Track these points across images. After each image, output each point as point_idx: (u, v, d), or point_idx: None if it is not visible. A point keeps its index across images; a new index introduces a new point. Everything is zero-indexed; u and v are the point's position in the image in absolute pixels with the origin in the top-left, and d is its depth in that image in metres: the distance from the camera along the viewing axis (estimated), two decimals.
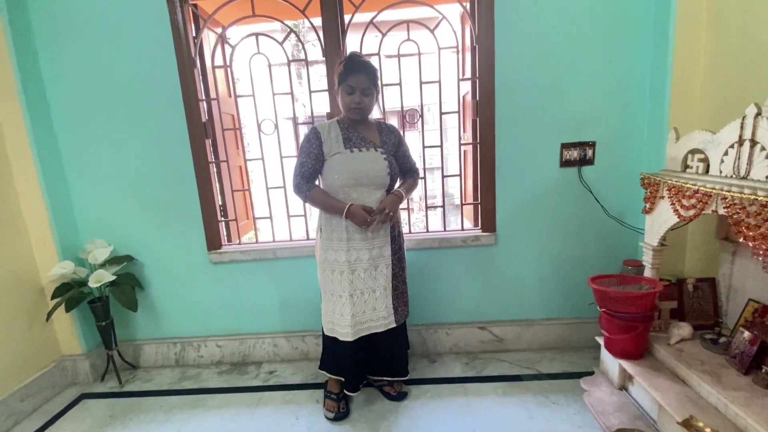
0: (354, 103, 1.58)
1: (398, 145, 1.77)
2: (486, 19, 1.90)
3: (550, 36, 1.90)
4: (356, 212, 1.57)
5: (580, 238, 2.09)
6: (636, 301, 1.53)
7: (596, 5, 1.87)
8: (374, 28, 2.05)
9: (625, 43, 1.89)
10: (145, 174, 2.11)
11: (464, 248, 2.13)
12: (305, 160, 1.61)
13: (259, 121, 2.12)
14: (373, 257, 1.67)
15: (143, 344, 2.30)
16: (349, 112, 1.61)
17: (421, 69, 2.07)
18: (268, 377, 2.14)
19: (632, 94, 1.94)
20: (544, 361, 2.09)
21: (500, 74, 1.95)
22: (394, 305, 1.75)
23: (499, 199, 2.07)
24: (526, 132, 2.00)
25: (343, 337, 1.67)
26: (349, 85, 1.56)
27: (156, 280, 2.23)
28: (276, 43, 2.10)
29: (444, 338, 2.22)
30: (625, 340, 1.58)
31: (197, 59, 2.08)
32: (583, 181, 2.02)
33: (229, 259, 2.17)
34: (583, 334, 2.16)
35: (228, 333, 2.28)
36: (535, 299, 2.18)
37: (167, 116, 2.04)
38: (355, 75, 1.55)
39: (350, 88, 1.56)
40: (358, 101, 1.58)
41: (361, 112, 1.62)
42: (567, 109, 1.97)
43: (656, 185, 1.56)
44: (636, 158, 1.99)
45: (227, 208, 2.25)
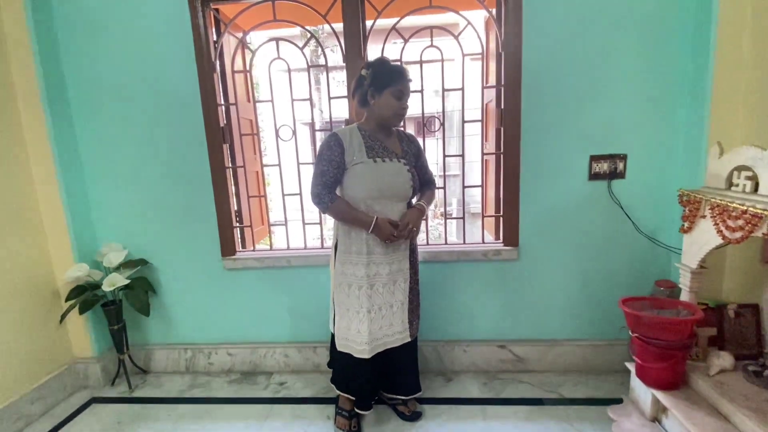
0: (402, 108, 1.55)
1: (418, 155, 1.71)
2: (513, 25, 1.83)
3: (581, 42, 1.82)
4: (384, 227, 1.52)
5: (609, 255, 1.98)
6: (673, 327, 1.42)
7: (632, 8, 1.77)
8: (396, 35, 2.00)
9: (662, 49, 1.79)
10: (162, 178, 2.09)
11: (484, 262, 2.04)
12: (326, 168, 1.54)
13: (277, 126, 2.08)
14: (393, 271, 1.61)
15: (154, 349, 2.28)
16: (393, 117, 1.56)
17: (443, 76, 2.00)
18: (279, 389, 2.08)
19: (668, 104, 1.83)
20: (567, 384, 1.98)
21: (527, 82, 1.87)
22: (409, 319, 1.68)
23: (523, 212, 1.98)
24: (553, 142, 1.91)
25: (359, 354, 1.60)
26: (400, 89, 1.52)
27: (169, 284, 2.21)
28: (296, 48, 2.07)
29: (461, 356, 2.12)
30: (660, 369, 1.47)
31: (217, 63, 2.06)
32: (613, 195, 1.92)
33: (243, 266, 2.13)
34: (610, 356, 2.04)
35: (239, 341, 2.24)
36: (559, 318, 2.07)
37: (186, 120, 2.03)
38: (404, 81, 1.53)
39: (400, 93, 1.52)
40: (406, 107, 1.56)
41: (401, 120, 1.60)
42: (597, 119, 1.88)
43: (697, 203, 1.45)
44: (671, 172, 1.88)
45: (242, 213, 2.22)
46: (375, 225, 1.51)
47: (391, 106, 1.52)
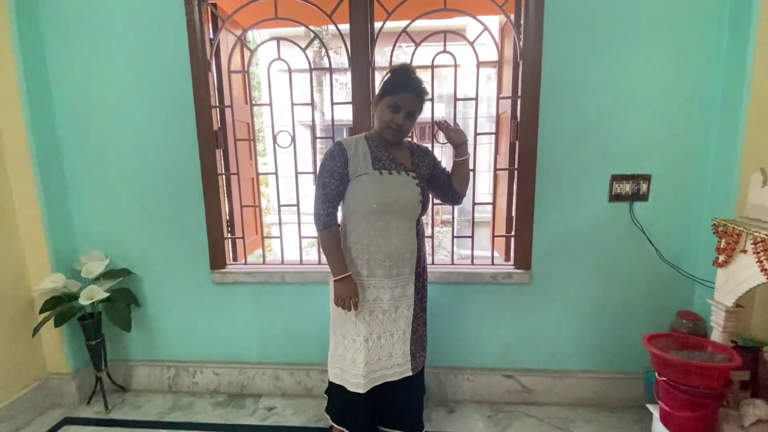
0: (395, 123, 1.36)
1: (434, 165, 1.56)
2: (534, 32, 1.70)
3: (606, 52, 1.69)
4: (348, 288, 1.38)
5: (628, 282, 1.84)
6: (708, 373, 1.27)
7: (660, 21, 1.64)
8: (406, 38, 1.87)
9: (691, 64, 1.66)
10: (149, 183, 1.95)
11: (494, 285, 1.90)
12: (328, 180, 1.40)
13: (275, 132, 1.94)
14: (395, 297, 1.46)
15: (135, 365, 2.12)
16: (384, 130, 1.39)
17: (456, 84, 1.86)
18: (267, 415, 1.93)
19: (696, 124, 1.70)
20: (579, 421, 1.83)
21: (546, 94, 1.74)
22: (412, 351, 1.53)
23: (537, 233, 1.84)
24: (573, 160, 1.77)
25: (353, 388, 1.45)
26: (396, 102, 1.34)
27: (153, 297, 2.06)
28: (299, 48, 1.93)
29: (464, 384, 1.97)
30: (690, 419, 1.32)
31: (213, 62, 1.92)
32: (634, 218, 1.78)
33: (233, 280, 1.98)
34: (625, 391, 1.90)
35: (227, 360, 2.08)
36: (571, 347, 1.92)
37: (177, 122, 1.88)
38: (405, 93, 1.34)
39: (396, 106, 1.35)
40: (400, 123, 1.36)
41: (399, 136, 1.41)
42: (620, 136, 1.74)
43: (737, 236, 1.31)
44: (698, 197, 1.74)
45: (235, 224, 2.07)
46: (344, 279, 1.38)
47: (383, 117, 1.37)
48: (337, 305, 1.41)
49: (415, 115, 1.41)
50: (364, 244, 1.42)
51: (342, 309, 1.42)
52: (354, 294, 1.39)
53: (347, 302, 1.39)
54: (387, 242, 1.42)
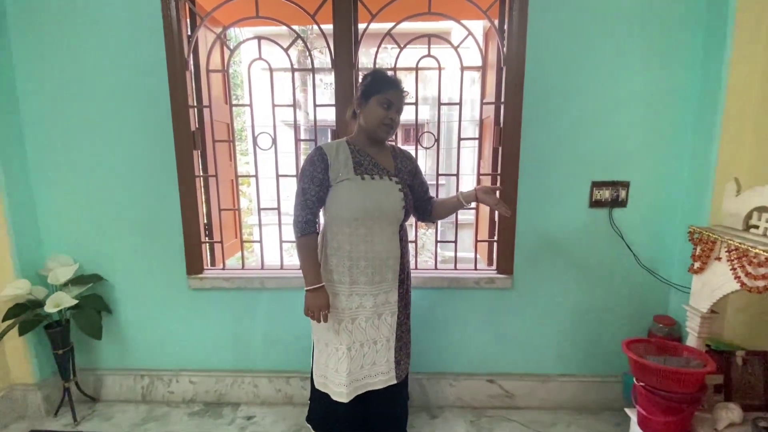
0: (389, 118, 1.37)
1: (414, 173, 1.55)
2: (517, 38, 1.70)
3: (588, 60, 1.70)
4: (320, 299, 1.36)
5: (607, 287, 1.87)
6: (684, 379, 1.29)
7: (639, 31, 1.67)
8: (390, 40, 1.85)
9: (669, 77, 1.70)
10: (122, 185, 1.87)
11: (476, 290, 1.89)
12: (308, 186, 1.37)
13: (255, 134, 1.89)
14: (378, 304, 1.44)
15: (106, 374, 2.03)
16: (378, 128, 1.38)
17: (440, 88, 1.86)
18: (245, 424, 1.87)
19: (674, 134, 1.74)
20: (559, 424, 1.85)
21: (529, 100, 1.75)
22: (396, 358, 1.51)
23: (519, 239, 1.85)
24: (554, 166, 1.79)
25: (337, 397, 1.42)
26: (388, 99, 1.36)
27: (126, 303, 1.97)
28: (281, 48, 1.88)
29: (447, 390, 1.97)
30: (667, 424, 1.35)
31: (191, 60, 1.85)
32: (614, 224, 1.81)
33: (211, 286, 1.92)
34: (603, 394, 1.93)
35: (203, 368, 2.02)
36: (552, 352, 1.94)
37: (152, 122, 1.81)
38: (394, 90, 1.37)
39: (388, 102, 1.36)
40: (394, 118, 1.39)
41: (390, 132, 1.41)
42: (601, 143, 1.76)
43: (711, 243, 1.34)
44: (674, 204, 1.78)
45: (213, 227, 2.01)
46: (316, 289, 1.36)
47: (376, 115, 1.36)
48: (306, 315, 1.38)
49: (401, 111, 1.43)
50: (346, 251, 1.40)
51: (313, 320, 1.39)
52: (325, 306, 1.36)
53: (317, 314, 1.36)
54: (370, 248, 1.40)
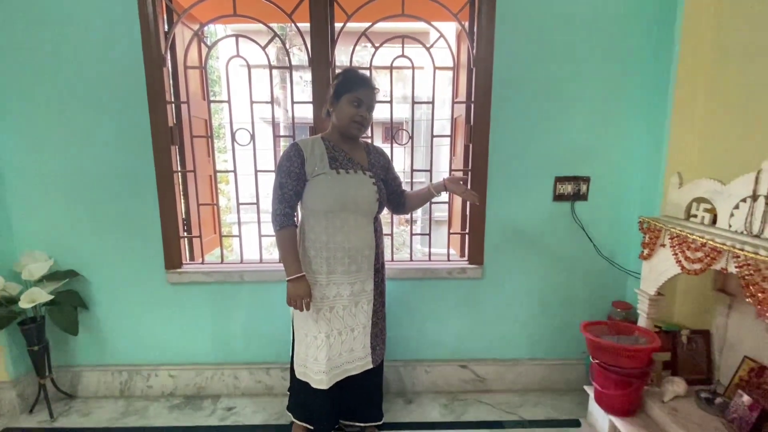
0: (359, 116, 1.43)
1: (387, 168, 1.63)
2: (486, 41, 1.80)
3: (550, 63, 1.82)
4: (301, 289, 1.41)
5: (570, 275, 1.99)
6: (632, 355, 1.42)
7: (600, 40, 1.80)
8: (366, 40, 1.91)
9: (625, 79, 1.83)
10: (98, 180, 1.86)
11: (449, 280, 1.99)
12: (285, 180, 1.43)
13: (233, 129, 1.92)
14: (355, 293, 1.50)
15: (83, 371, 2.03)
16: (349, 125, 1.45)
17: (414, 87, 1.93)
18: (226, 415, 1.91)
19: (629, 132, 1.87)
20: (527, 405, 1.97)
21: (497, 99, 1.85)
22: (372, 344, 1.58)
23: (489, 231, 1.95)
24: (521, 162, 1.89)
25: (317, 384, 1.48)
26: (359, 97, 1.42)
27: (103, 299, 1.97)
28: (258, 46, 1.92)
29: (422, 376, 2.06)
30: (618, 396, 1.47)
31: (168, 57, 1.87)
32: (575, 217, 1.93)
33: (190, 280, 1.94)
34: (568, 376, 2.06)
35: (183, 362, 2.04)
36: (521, 337, 2.06)
37: (129, 117, 1.82)
38: (365, 88, 1.43)
39: (358, 101, 1.42)
40: (365, 115, 1.44)
41: (362, 129, 1.48)
42: (563, 141, 1.88)
43: (657, 231, 1.47)
44: (630, 198, 1.91)
45: (191, 222, 2.03)
46: (297, 279, 1.41)
47: (347, 114, 1.43)
48: (289, 305, 1.44)
49: (373, 109, 1.49)
50: (323, 242, 1.46)
51: (295, 309, 1.44)
52: (306, 294, 1.42)
53: (299, 302, 1.41)
54: (345, 239, 1.46)
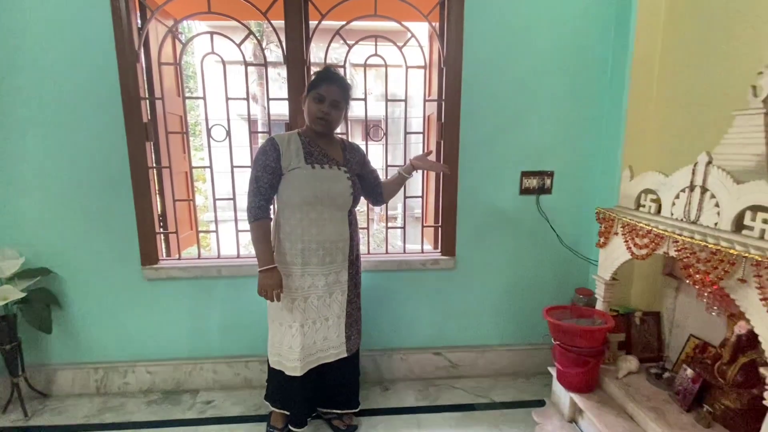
0: (321, 111, 1.47)
1: (363, 163, 1.68)
2: (455, 40, 1.88)
3: (517, 63, 1.91)
4: (273, 279, 1.45)
5: (536, 265, 2.11)
6: (588, 335, 1.54)
7: (561, 42, 1.91)
8: (341, 38, 1.96)
9: (586, 80, 1.95)
10: (72, 176, 1.85)
11: (423, 271, 2.07)
12: (260, 174, 1.47)
13: (209, 126, 1.94)
14: (329, 283, 1.56)
15: (58, 369, 2.01)
16: (313, 122, 1.49)
17: (387, 86, 2.00)
18: (205, 408, 1.94)
19: (589, 129, 1.99)
20: (497, 388, 2.07)
21: (466, 97, 1.93)
22: (346, 334, 1.64)
23: (460, 223, 2.04)
24: (489, 157, 1.99)
25: (291, 372, 1.53)
26: (320, 93, 1.46)
27: (77, 297, 1.96)
28: (233, 44, 1.94)
29: (398, 364, 2.13)
30: (578, 374, 1.59)
31: (141, 53, 1.87)
32: (540, 209, 2.04)
33: (167, 276, 1.96)
34: (536, 360, 2.18)
35: (161, 358, 2.05)
36: (491, 325, 2.16)
37: (102, 114, 1.81)
38: (328, 84, 1.46)
39: (320, 96, 1.46)
40: (326, 111, 1.47)
41: (326, 125, 1.51)
42: (529, 137, 1.99)
43: (611, 221, 1.59)
44: (590, 191, 2.04)
45: (167, 218, 2.04)
46: (269, 270, 1.45)
47: (310, 110, 1.48)
48: (259, 295, 1.47)
49: (341, 105, 1.51)
50: (298, 234, 1.50)
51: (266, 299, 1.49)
52: (277, 285, 1.46)
53: (270, 293, 1.45)
54: (320, 231, 1.52)
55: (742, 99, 1.24)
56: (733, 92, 1.43)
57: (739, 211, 1.10)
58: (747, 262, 1.03)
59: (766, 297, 0.99)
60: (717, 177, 1.17)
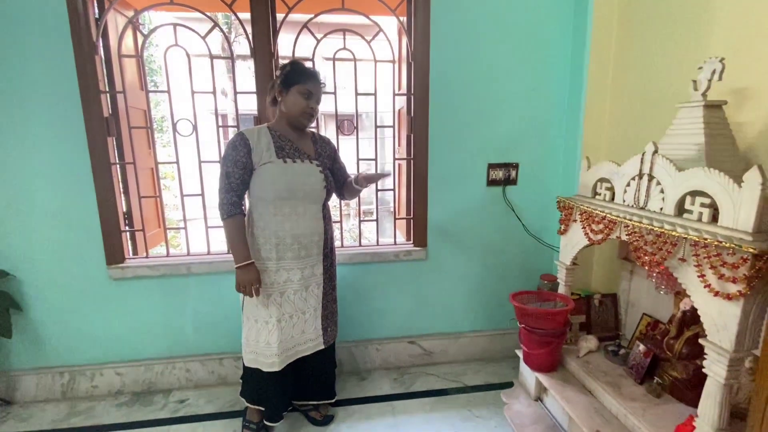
0: (310, 108, 1.51)
1: (334, 158, 1.70)
2: (422, 36, 1.91)
3: (482, 60, 1.97)
4: (250, 275, 1.45)
5: (504, 253, 2.19)
6: (551, 317, 1.62)
7: (524, 39, 1.98)
8: (309, 31, 1.96)
9: (548, 76, 2.03)
10: (29, 174, 1.77)
11: (396, 263, 2.11)
12: (231, 169, 1.45)
13: (174, 120, 1.90)
14: (305, 277, 1.57)
15: (20, 375, 1.93)
16: (300, 116, 1.51)
17: (356, 79, 2.01)
18: (178, 407, 1.92)
19: (552, 122, 2.08)
20: (469, 372, 2.15)
21: (434, 92, 1.97)
22: (323, 326, 1.66)
23: (431, 214, 2.09)
24: (457, 150, 2.05)
25: (269, 368, 1.54)
26: (309, 90, 1.49)
27: (38, 299, 1.88)
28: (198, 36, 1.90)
29: (374, 354, 2.18)
30: (542, 355, 1.68)
31: (100, 44, 1.80)
32: (506, 199, 2.12)
33: (134, 275, 1.91)
34: (505, 344, 2.27)
35: (131, 359, 2.00)
36: (462, 312, 2.24)
37: (61, 108, 1.74)
38: (314, 81, 1.51)
39: (308, 93, 1.49)
40: (315, 107, 1.52)
41: (311, 120, 1.55)
42: (495, 131, 2.05)
43: (570, 209, 1.67)
44: (553, 181, 2.14)
45: (133, 216, 1.98)
46: (246, 266, 1.45)
47: (297, 104, 1.49)
48: (238, 291, 1.47)
49: (320, 101, 1.57)
50: (272, 230, 1.51)
51: (245, 295, 1.49)
52: (255, 281, 1.46)
53: (248, 289, 1.46)
54: (294, 226, 1.52)
55: (686, 93, 1.34)
56: (679, 87, 1.54)
57: (680, 197, 1.20)
58: (686, 243, 1.13)
59: (702, 273, 1.09)
60: (662, 165, 1.26)
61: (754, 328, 1.04)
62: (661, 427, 1.30)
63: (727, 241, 1.00)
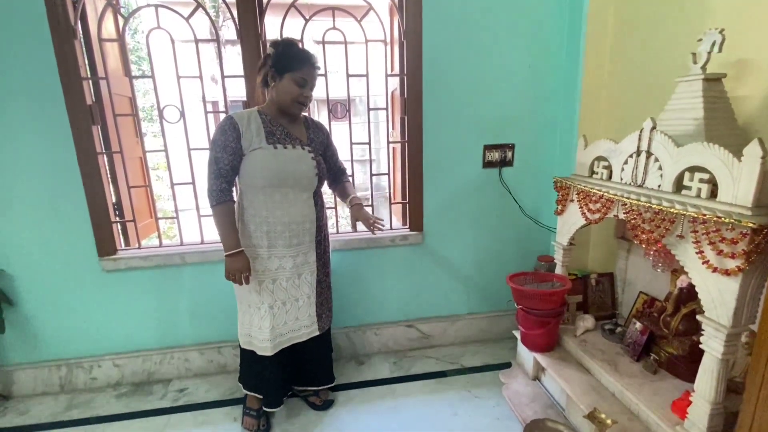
0: (303, 96, 1.45)
1: (326, 144, 1.66)
2: (414, 14, 1.85)
3: (477, 38, 1.92)
4: (240, 263, 1.42)
5: (500, 235, 2.18)
6: (548, 298, 1.62)
7: (519, 16, 1.92)
8: (297, 12, 1.89)
9: (543, 53, 1.98)
10: (13, 168, 1.72)
11: (393, 247, 2.10)
12: (220, 155, 1.41)
13: (161, 107, 1.84)
14: (297, 264, 1.55)
15: (16, 370, 1.92)
16: (292, 105, 1.45)
17: (347, 61, 1.96)
18: (179, 396, 1.92)
19: (548, 102, 2.04)
20: (467, 354, 2.17)
21: (428, 72, 1.93)
22: (317, 313, 1.66)
23: (426, 198, 2.07)
24: (453, 132, 2.01)
25: (262, 352, 1.54)
26: (303, 77, 1.42)
27: (30, 294, 1.86)
28: (182, 18, 1.82)
29: (372, 339, 2.18)
30: (539, 335, 1.68)
31: (79, 28, 1.73)
32: (503, 181, 2.10)
33: (127, 266, 1.88)
34: (502, 326, 2.28)
35: (128, 350, 1.99)
36: (460, 295, 2.24)
37: (42, 97, 1.68)
38: (309, 67, 1.43)
39: (303, 81, 1.42)
40: (307, 95, 1.46)
41: (304, 108, 1.50)
42: (490, 111, 2.01)
43: (567, 189, 1.66)
44: (549, 162, 2.11)
45: (123, 206, 1.94)
46: (236, 254, 1.42)
47: (290, 92, 1.43)
48: (227, 279, 1.45)
49: (314, 87, 1.50)
50: (263, 217, 1.48)
51: (235, 283, 1.47)
52: (245, 269, 1.44)
53: (238, 276, 1.43)
54: (285, 213, 1.49)
55: (685, 67, 1.31)
56: (679, 61, 1.50)
57: (679, 173, 1.18)
58: (685, 219, 1.11)
59: (701, 250, 1.08)
60: (660, 141, 1.24)
61: (752, 303, 1.04)
62: (658, 403, 1.31)
63: (726, 217, 0.99)
